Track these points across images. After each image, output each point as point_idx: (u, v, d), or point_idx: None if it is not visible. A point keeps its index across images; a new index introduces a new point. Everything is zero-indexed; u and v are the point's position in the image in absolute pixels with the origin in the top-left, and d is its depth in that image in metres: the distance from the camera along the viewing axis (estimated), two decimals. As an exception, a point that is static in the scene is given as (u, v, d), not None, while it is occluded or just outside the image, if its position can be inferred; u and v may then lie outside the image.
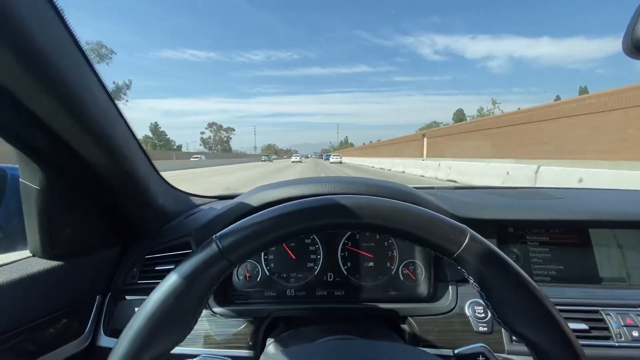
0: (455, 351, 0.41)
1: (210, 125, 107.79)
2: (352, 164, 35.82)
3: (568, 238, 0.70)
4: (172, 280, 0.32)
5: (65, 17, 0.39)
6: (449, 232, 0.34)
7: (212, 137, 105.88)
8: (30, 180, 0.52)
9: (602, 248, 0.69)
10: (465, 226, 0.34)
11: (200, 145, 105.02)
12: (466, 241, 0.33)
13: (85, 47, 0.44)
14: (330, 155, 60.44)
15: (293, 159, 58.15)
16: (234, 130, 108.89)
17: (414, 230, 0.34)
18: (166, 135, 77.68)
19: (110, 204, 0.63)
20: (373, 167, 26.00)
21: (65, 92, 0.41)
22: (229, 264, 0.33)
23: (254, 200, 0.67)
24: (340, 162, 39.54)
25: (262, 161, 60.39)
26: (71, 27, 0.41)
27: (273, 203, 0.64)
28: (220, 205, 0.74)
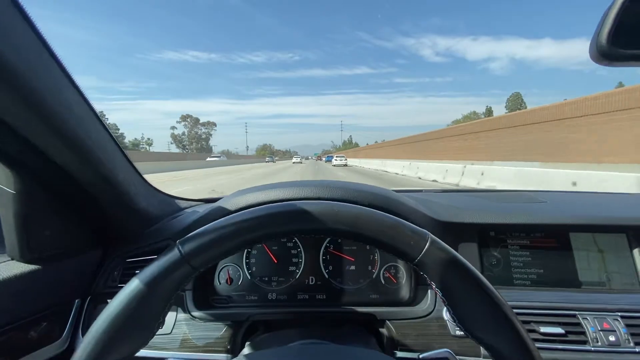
0: (420, 356, 0.42)
1: (184, 118, 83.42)
2: (363, 168, 26.09)
3: (549, 242, 0.70)
4: (134, 285, 0.32)
5: (30, 16, 0.39)
6: (410, 238, 0.34)
7: (186, 133, 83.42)
8: (5, 185, 0.52)
9: (582, 252, 0.69)
10: (427, 231, 0.35)
11: (172, 143, 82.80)
12: (427, 246, 0.33)
13: (54, 48, 0.43)
14: (332, 157, 52.14)
15: (294, 160, 61.41)
16: (215, 125, 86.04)
17: (375, 236, 0.35)
18: (118, 129, 66.92)
19: (90, 208, 0.64)
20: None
21: (34, 97, 0.40)
22: (192, 269, 0.33)
23: (234, 204, 0.67)
24: (345, 165, 32.74)
25: (266, 162, 63.77)
26: (38, 28, 0.40)
27: (254, 206, 0.65)
28: (203, 209, 0.74)
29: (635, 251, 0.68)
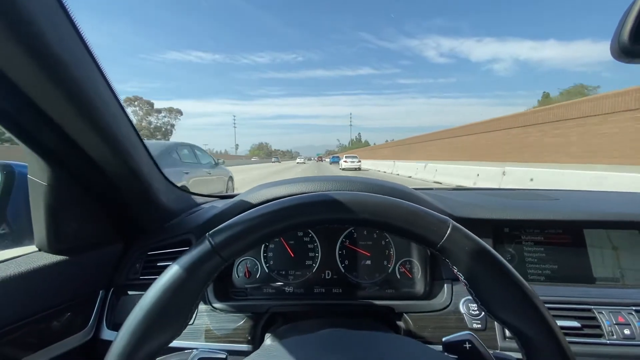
0: (443, 339, 0.43)
1: (131, 101, 56.66)
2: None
3: (562, 238, 0.71)
4: (167, 277, 0.33)
5: (73, 17, 0.41)
6: (432, 223, 0.35)
7: (134, 122, 26.77)
8: (38, 177, 0.54)
9: (596, 248, 0.70)
10: (447, 217, 0.36)
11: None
12: (448, 231, 0.34)
13: (92, 46, 0.45)
14: (338, 157, 41.53)
15: (298, 160, 63.36)
16: (180, 113, 61.76)
17: (397, 223, 0.35)
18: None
19: (115, 201, 0.65)
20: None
21: (75, 91, 0.43)
22: (222, 260, 0.34)
23: (254, 198, 0.68)
24: (359, 169, 24.26)
25: (272, 162, 65.50)
26: (79, 27, 0.42)
27: (272, 200, 0.66)
28: (221, 204, 0.75)
29: None
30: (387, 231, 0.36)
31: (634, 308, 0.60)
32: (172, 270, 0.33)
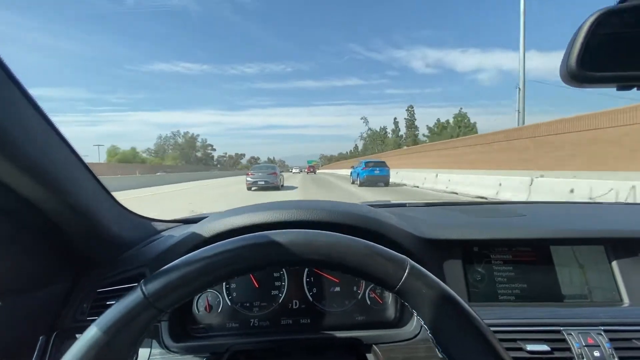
0: None
1: None
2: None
3: (531, 256, 0.70)
4: (93, 332, 0.30)
5: None
6: (389, 266, 0.33)
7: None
8: None
9: (563, 265, 0.69)
10: (405, 258, 0.34)
11: None
12: (405, 274, 0.33)
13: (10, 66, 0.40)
14: (384, 169, 14.14)
15: (293, 170, 66.75)
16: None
17: (352, 265, 0.34)
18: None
19: (57, 236, 0.60)
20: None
21: None
22: (158, 312, 0.31)
23: (212, 229, 0.64)
24: None
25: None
26: None
27: (235, 230, 0.62)
28: (180, 232, 0.70)
29: (614, 263, 0.68)
30: (342, 272, 0.35)
31: (602, 328, 0.59)
32: (99, 325, 0.30)
